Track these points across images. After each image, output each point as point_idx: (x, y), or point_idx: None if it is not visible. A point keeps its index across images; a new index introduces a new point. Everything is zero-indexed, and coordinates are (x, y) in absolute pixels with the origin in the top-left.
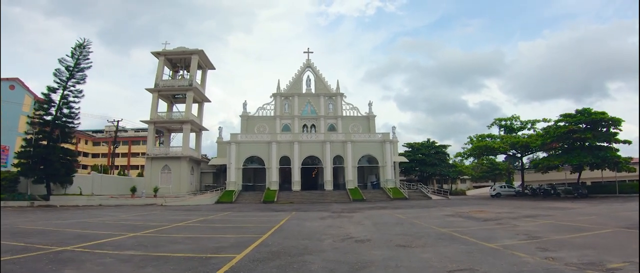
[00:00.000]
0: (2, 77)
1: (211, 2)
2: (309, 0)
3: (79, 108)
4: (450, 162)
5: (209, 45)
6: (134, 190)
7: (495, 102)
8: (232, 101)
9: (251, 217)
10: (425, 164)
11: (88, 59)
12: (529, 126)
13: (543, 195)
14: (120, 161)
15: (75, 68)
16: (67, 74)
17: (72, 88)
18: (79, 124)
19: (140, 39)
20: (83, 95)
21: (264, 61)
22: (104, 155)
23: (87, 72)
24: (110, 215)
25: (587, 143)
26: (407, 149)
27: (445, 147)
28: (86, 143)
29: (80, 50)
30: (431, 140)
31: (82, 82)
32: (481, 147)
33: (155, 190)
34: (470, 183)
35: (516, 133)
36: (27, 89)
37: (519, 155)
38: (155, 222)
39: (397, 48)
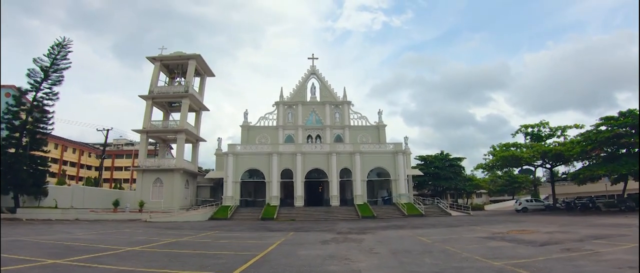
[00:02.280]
0: (0, 84)
1: (221, 17)
2: (316, 16)
3: (53, 111)
4: (464, 175)
5: (219, 60)
6: (116, 204)
7: (503, 115)
8: (241, 115)
9: (237, 239)
10: (439, 178)
11: (67, 59)
12: (558, 133)
13: (581, 209)
14: (122, 175)
15: (51, 68)
16: (41, 74)
17: (47, 90)
18: (52, 128)
19: (152, 53)
20: (58, 98)
21: (272, 76)
22: (107, 168)
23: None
24: (67, 233)
25: (635, 149)
26: (419, 162)
27: (460, 159)
28: (90, 155)
29: (59, 50)
30: (445, 153)
31: (58, 83)
32: (506, 158)
33: (141, 204)
34: (486, 197)
35: (545, 141)
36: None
37: (549, 165)
38: (107, 244)
39: (402, 63)
